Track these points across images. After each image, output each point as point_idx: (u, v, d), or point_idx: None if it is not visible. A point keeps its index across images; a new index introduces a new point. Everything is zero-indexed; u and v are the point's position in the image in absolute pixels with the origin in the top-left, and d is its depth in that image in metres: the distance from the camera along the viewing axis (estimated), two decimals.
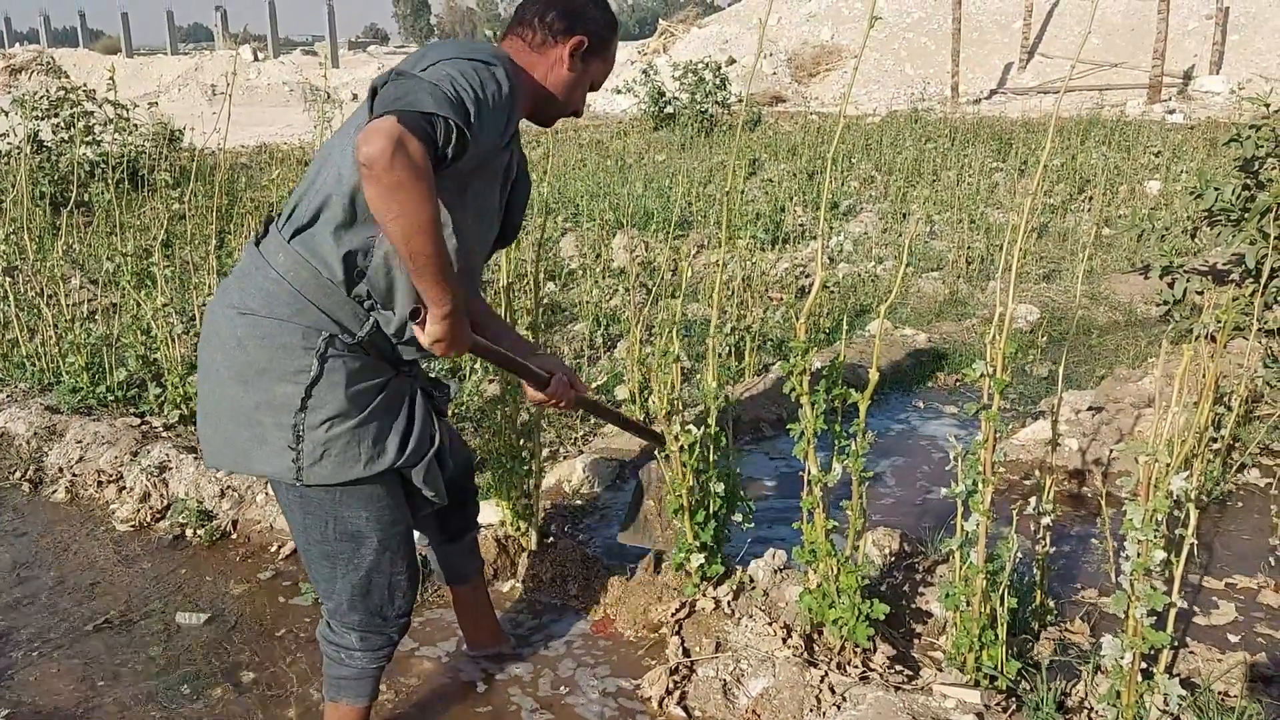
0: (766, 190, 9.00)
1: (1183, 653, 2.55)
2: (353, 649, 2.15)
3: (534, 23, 2.05)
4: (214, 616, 2.97)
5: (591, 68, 2.11)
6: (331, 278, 1.90)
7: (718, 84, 14.94)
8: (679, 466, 2.71)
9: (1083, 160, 10.31)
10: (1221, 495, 3.54)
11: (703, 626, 2.67)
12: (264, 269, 1.93)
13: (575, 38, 2.05)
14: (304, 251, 1.90)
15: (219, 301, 1.99)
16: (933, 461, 4.04)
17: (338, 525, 2.02)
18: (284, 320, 1.90)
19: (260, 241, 1.99)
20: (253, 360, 1.90)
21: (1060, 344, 5.36)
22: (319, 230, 1.90)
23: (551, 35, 2.05)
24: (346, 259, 1.89)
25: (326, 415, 1.91)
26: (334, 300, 1.91)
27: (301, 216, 1.91)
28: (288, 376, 1.90)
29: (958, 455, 2.34)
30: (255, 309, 1.91)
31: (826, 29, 27.59)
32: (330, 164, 1.91)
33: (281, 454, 1.93)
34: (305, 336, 1.89)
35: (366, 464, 1.97)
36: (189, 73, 33.51)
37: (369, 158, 1.64)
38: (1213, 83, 20.53)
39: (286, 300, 1.90)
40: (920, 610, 2.80)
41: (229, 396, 1.94)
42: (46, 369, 4.61)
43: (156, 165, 8.40)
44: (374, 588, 2.09)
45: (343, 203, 1.87)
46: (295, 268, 1.90)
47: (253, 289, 1.93)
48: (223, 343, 1.94)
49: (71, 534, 3.51)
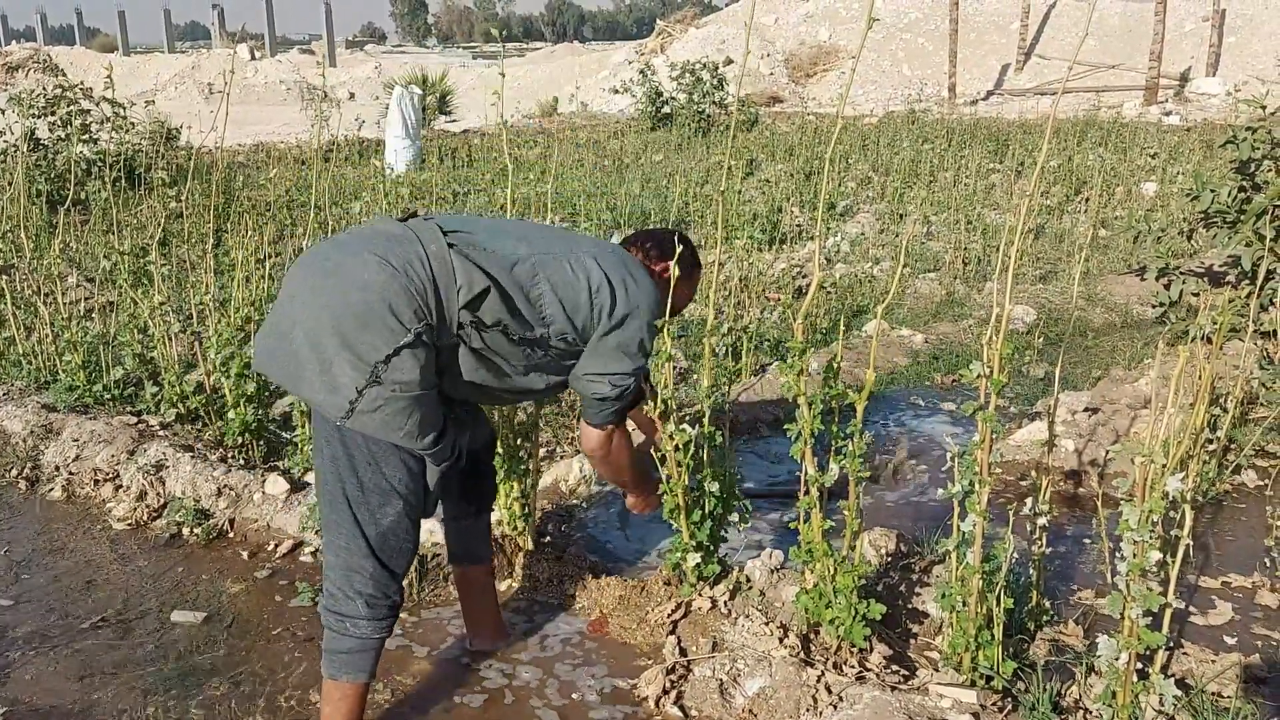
0: (763, 191, 9.00)
1: (1178, 653, 2.56)
2: (359, 617, 2.21)
3: (641, 247, 2.63)
4: (211, 615, 2.96)
5: (681, 289, 2.61)
6: (462, 290, 2.15)
7: (715, 84, 14.94)
8: (674, 466, 2.71)
9: (1079, 162, 10.33)
10: (1217, 496, 3.55)
11: (699, 626, 2.68)
12: (414, 243, 2.16)
13: (664, 264, 2.58)
14: (455, 260, 2.16)
15: (359, 245, 2.16)
16: (929, 462, 4.04)
17: (374, 475, 2.17)
18: (408, 289, 2.09)
19: (407, 220, 2.25)
20: (367, 302, 2.06)
21: (1056, 345, 5.37)
22: (475, 266, 2.17)
23: (649, 260, 2.61)
24: (484, 292, 2.17)
25: (400, 378, 2.08)
26: (449, 303, 2.15)
27: (471, 248, 2.19)
28: (385, 331, 2.06)
29: (954, 456, 2.35)
30: (394, 264, 2.10)
31: (824, 29, 27.59)
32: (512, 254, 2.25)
33: (340, 390, 2.07)
34: (416, 313, 2.09)
35: (405, 436, 2.14)
36: (186, 71, 33.48)
37: (591, 450, 2.54)
38: (1209, 85, 20.57)
39: (420, 277, 2.12)
40: (916, 610, 2.81)
41: (322, 321, 2.07)
42: (43, 367, 4.61)
43: (153, 164, 8.39)
44: (390, 543, 2.23)
45: (507, 291, 2.21)
46: (440, 260, 2.15)
47: (399, 251, 2.14)
48: (349, 275, 2.10)
49: (68, 532, 3.51)
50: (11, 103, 8.53)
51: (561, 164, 11.52)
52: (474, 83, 28.52)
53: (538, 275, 2.26)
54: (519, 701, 2.55)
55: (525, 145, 13.75)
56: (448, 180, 10.40)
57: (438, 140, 14.35)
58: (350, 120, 13.17)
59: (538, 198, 8.53)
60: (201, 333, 4.33)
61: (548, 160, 11.74)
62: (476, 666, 2.70)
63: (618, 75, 22.67)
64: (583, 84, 26.03)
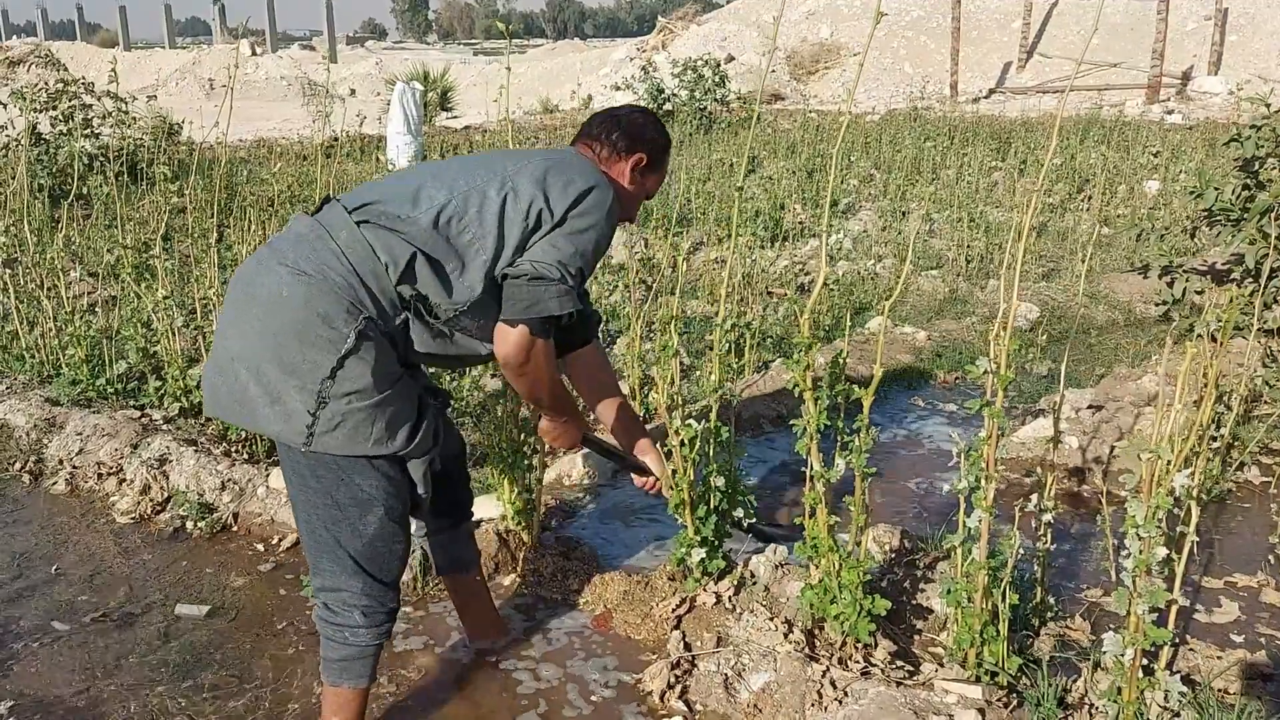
0: (765, 188, 9.00)
1: (1183, 650, 2.56)
2: (356, 625, 2.17)
3: (603, 139, 2.36)
4: (215, 609, 2.96)
5: (648, 181, 2.43)
6: (389, 267, 2.02)
7: (716, 81, 14.94)
8: (680, 461, 2.72)
9: (1082, 160, 10.33)
10: (1221, 494, 3.55)
11: (704, 621, 2.68)
12: (324, 239, 2.04)
13: (636, 155, 2.36)
14: (371, 239, 2.03)
15: (269, 259, 2.05)
16: (932, 459, 4.04)
17: (348, 490, 2.08)
18: (332, 291, 1.98)
19: (317, 214, 2.12)
20: (294, 319, 1.96)
21: (1060, 342, 5.36)
22: (395, 236, 2.04)
23: (617, 152, 2.36)
24: (410, 261, 2.03)
25: (351, 388, 1.98)
26: (380, 287, 2.02)
27: (380, 217, 2.05)
28: (323, 344, 1.96)
29: (961, 451, 2.35)
30: (309, 271, 1.99)
31: (826, 26, 27.57)
32: (431, 202, 2.08)
33: (293, 418, 1.98)
34: (349, 311, 1.97)
35: (374, 443, 2.04)
36: (187, 67, 33.46)
37: (505, 359, 2.12)
38: (1211, 83, 20.56)
39: (340, 273, 2.00)
40: (921, 606, 2.81)
41: (256, 351, 1.98)
42: (46, 361, 4.60)
43: (155, 159, 8.39)
44: (376, 553, 2.15)
45: (427, 242, 2.05)
46: (356, 246, 2.02)
47: (309, 253, 2.02)
48: (267, 297, 1.99)
49: (71, 526, 3.50)
50: (14, 97, 8.52)
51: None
52: (475, 79, 28.52)
53: (464, 218, 2.07)
54: (523, 696, 2.55)
55: (527, 142, 13.74)
56: None
57: (439, 136, 14.34)
58: (352, 116, 13.16)
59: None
60: (204, 327, 4.33)
61: None
62: (480, 661, 2.69)
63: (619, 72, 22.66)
64: (584, 81, 26.02)
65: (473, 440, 3.73)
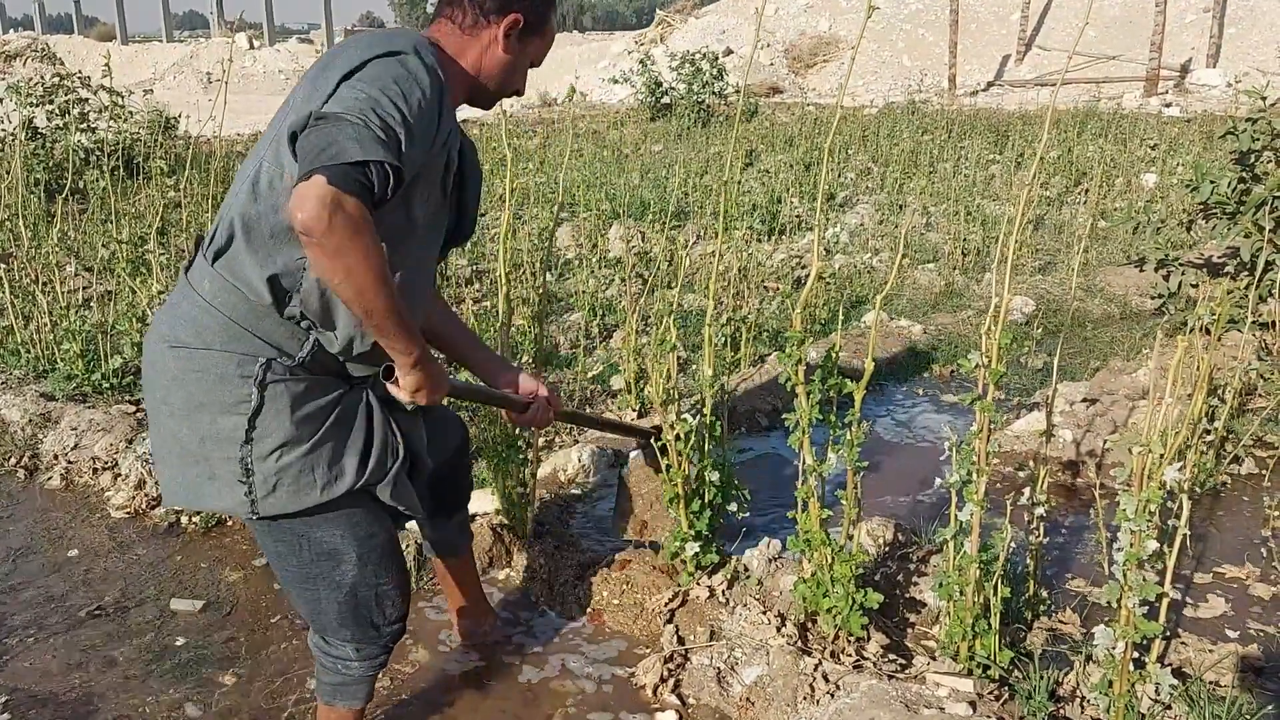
0: (763, 181, 8.99)
1: (1175, 643, 2.57)
2: (349, 659, 2.09)
3: (464, 3, 1.92)
4: (209, 603, 2.97)
5: (530, 46, 2.00)
6: (259, 300, 1.79)
7: (715, 74, 14.91)
8: (675, 455, 2.72)
9: (1079, 153, 10.32)
10: (1215, 487, 3.55)
11: (697, 615, 2.68)
12: (191, 296, 1.83)
13: (510, 16, 1.93)
14: (228, 275, 1.80)
15: (152, 335, 1.89)
16: (928, 452, 4.05)
17: (312, 546, 1.93)
18: (217, 350, 1.80)
19: (189, 269, 1.90)
20: (190, 395, 1.81)
21: (1055, 336, 5.36)
22: (237, 253, 1.79)
23: (484, 15, 1.92)
24: (272, 281, 1.78)
25: (274, 444, 1.82)
26: (267, 324, 1.81)
27: (221, 239, 1.81)
28: (228, 408, 1.80)
29: (953, 445, 2.35)
30: (186, 340, 1.82)
31: (824, 20, 27.53)
32: (244, 179, 1.81)
33: (233, 489, 1.84)
34: (241, 365, 1.80)
35: (324, 489, 1.88)
36: (184, 60, 33.39)
37: (305, 225, 1.56)
38: (1210, 76, 20.54)
39: (217, 329, 1.80)
40: (914, 600, 2.81)
41: (173, 434, 1.86)
42: (41, 356, 4.60)
43: (152, 153, 8.37)
44: (361, 601, 2.01)
45: (257, 224, 1.77)
46: (221, 292, 1.80)
47: (182, 319, 1.84)
48: (159, 378, 1.85)
49: (66, 521, 3.51)
50: (9, 91, 8.51)
51: (560, 154, 11.49)
52: None
53: (275, 169, 1.75)
54: (517, 690, 2.56)
55: (524, 135, 13.72)
56: None
57: None
58: None
59: (536, 188, 8.53)
60: None
61: (546, 150, 11.72)
62: (475, 656, 2.70)
63: (617, 65, 22.60)
64: (582, 74, 25.96)
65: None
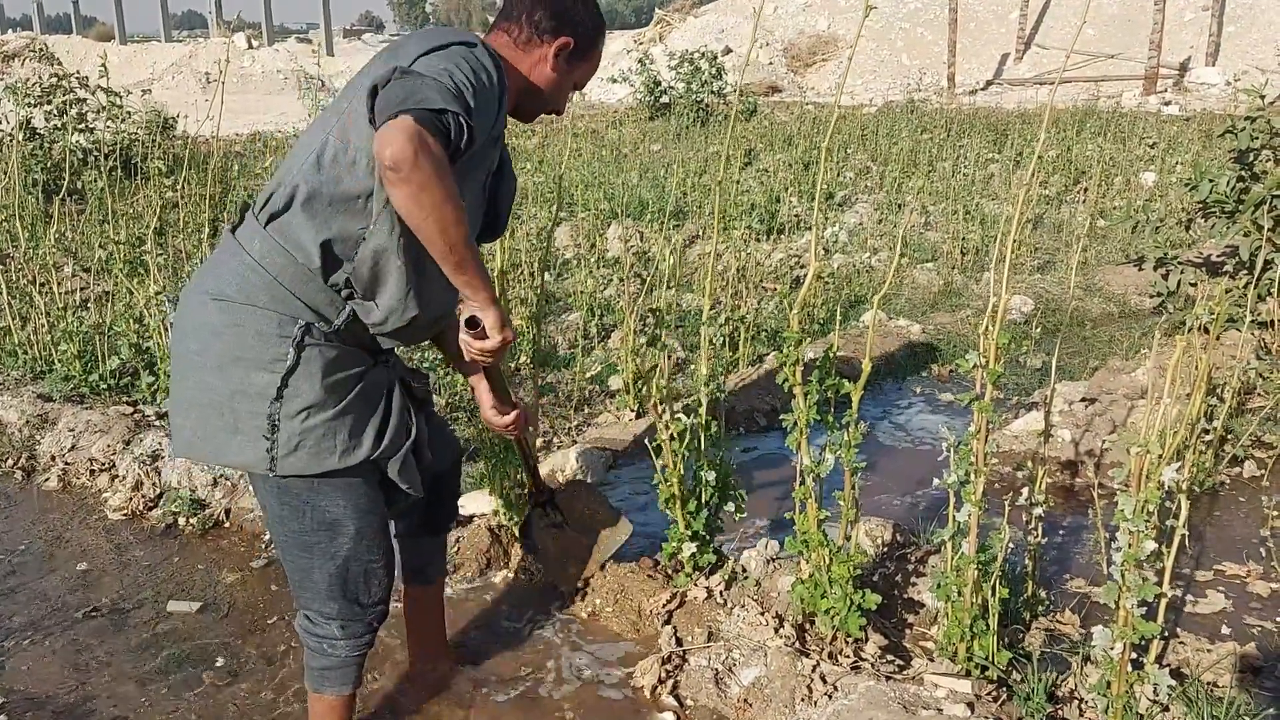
0: (761, 181, 8.98)
1: (1173, 643, 2.56)
2: (335, 638, 2.11)
3: (521, 20, 2.04)
4: (206, 605, 2.97)
5: (576, 70, 2.12)
6: (308, 264, 1.87)
7: (713, 74, 14.89)
8: (670, 455, 2.71)
9: (1078, 151, 10.31)
10: (1214, 486, 3.55)
11: (695, 616, 2.68)
12: (239, 255, 1.91)
13: (561, 38, 2.05)
14: (279, 238, 1.88)
15: (193, 288, 1.97)
16: (926, 452, 4.04)
17: (315, 514, 1.99)
18: (260, 307, 1.88)
19: (237, 229, 1.97)
20: (228, 347, 1.88)
21: (1054, 335, 5.36)
22: (293, 217, 1.88)
23: (538, 34, 2.04)
24: (324, 247, 1.87)
25: (303, 405, 1.89)
26: (310, 288, 1.89)
27: (277, 203, 1.89)
28: (263, 364, 1.87)
29: (951, 446, 2.35)
30: (231, 295, 1.89)
31: (823, 19, 27.52)
32: (309, 150, 1.89)
33: (255, 444, 1.90)
34: (281, 324, 1.88)
35: (342, 455, 1.94)
36: (183, 60, 33.35)
37: (394, 160, 1.65)
38: (1209, 74, 20.53)
39: (262, 287, 1.88)
40: (912, 600, 2.81)
41: (203, 384, 1.91)
42: (39, 357, 4.59)
43: (150, 153, 8.36)
44: (351, 576, 2.06)
45: (318, 193, 1.86)
46: (271, 254, 1.88)
47: (228, 275, 1.91)
48: (197, 329, 1.92)
49: (64, 522, 3.50)
50: (7, 92, 8.50)
51: (559, 153, 11.48)
52: None
53: (343, 144, 1.85)
54: (515, 692, 2.55)
55: (522, 135, 13.70)
56: None
57: None
58: None
59: (533, 187, 8.52)
60: None
61: (545, 149, 11.72)
62: (472, 657, 2.69)
63: (616, 64, 22.59)
64: None
65: (465, 435, 3.73)
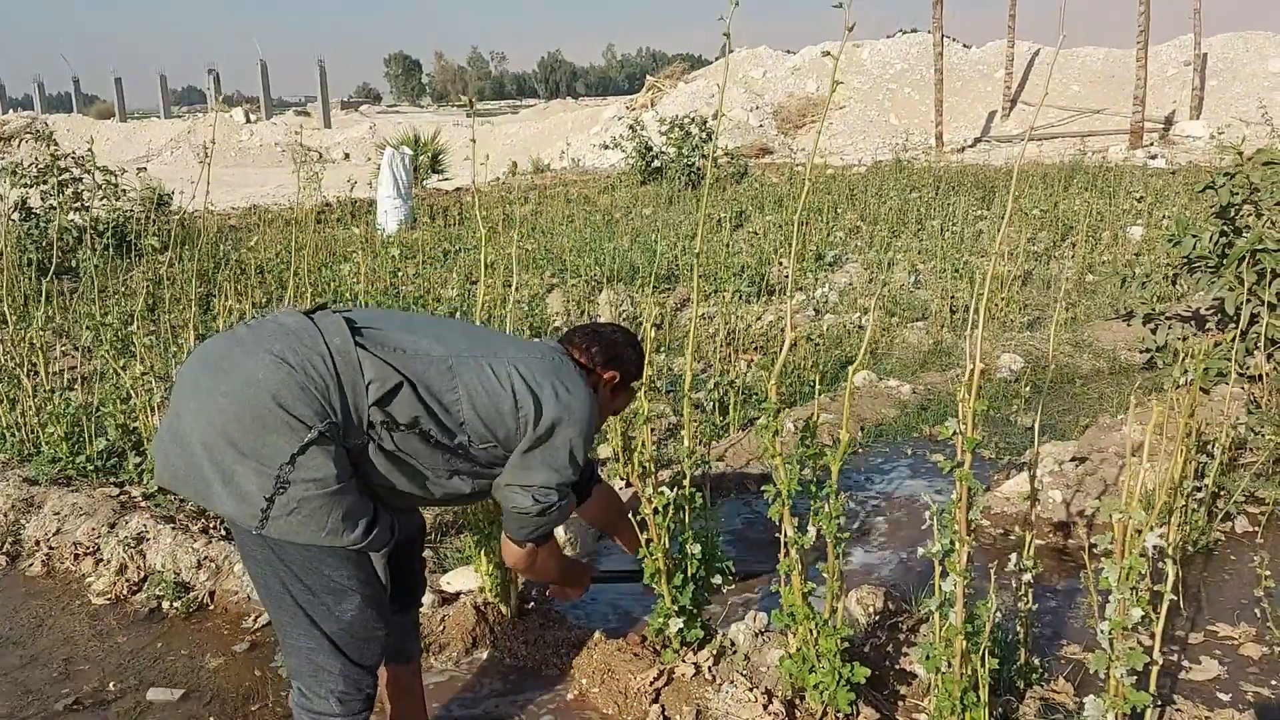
0: (751, 243, 9.05)
1: (1170, 710, 2.52)
2: (332, 714, 2.12)
3: (584, 349, 2.49)
4: (189, 692, 2.91)
5: (616, 400, 2.59)
6: (372, 386, 2.02)
7: (704, 138, 15.08)
8: (654, 528, 2.69)
9: (1065, 207, 10.40)
10: (1208, 545, 3.51)
11: (683, 694, 2.63)
12: (317, 339, 2.02)
13: (610, 372, 2.50)
14: (362, 357, 2.03)
15: (250, 342, 2.02)
16: (918, 515, 4.01)
17: (319, 579, 2.05)
18: (310, 388, 1.96)
19: (311, 314, 2.10)
20: (261, 404, 1.93)
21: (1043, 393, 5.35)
22: (389, 369, 2.05)
23: (593, 365, 2.48)
24: (396, 388, 2.05)
25: (312, 475, 1.94)
26: (356, 402, 2.01)
27: (379, 346, 2.06)
28: (285, 430, 1.92)
29: (934, 514, 2.33)
30: (293, 364, 1.97)
31: (811, 81, 27.95)
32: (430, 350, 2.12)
33: (248, 499, 1.93)
34: (318, 413, 1.95)
35: (329, 534, 1.99)
36: (181, 135, 33.85)
37: (513, 564, 2.48)
38: (1194, 128, 20.83)
39: (323, 374, 1.98)
40: (904, 671, 2.77)
41: (215, 426, 1.93)
42: (26, 440, 4.58)
43: (145, 229, 8.43)
44: (355, 639, 2.12)
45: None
46: (348, 356, 2.02)
47: (297, 347, 2.00)
48: (242, 377, 1.96)
49: (47, 609, 3.46)
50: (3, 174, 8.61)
51: (552, 219, 11.58)
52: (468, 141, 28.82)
53: (455, 379, 2.12)
54: None
55: (516, 202, 13.84)
56: (438, 239, 10.44)
57: (430, 198, 14.45)
58: (342, 180, 13.27)
59: (527, 255, 8.58)
60: None
61: (537, 217, 11.82)
62: None
63: (609, 130, 22.90)
64: (574, 140, 26.29)
65: (450, 512, 3.70)
